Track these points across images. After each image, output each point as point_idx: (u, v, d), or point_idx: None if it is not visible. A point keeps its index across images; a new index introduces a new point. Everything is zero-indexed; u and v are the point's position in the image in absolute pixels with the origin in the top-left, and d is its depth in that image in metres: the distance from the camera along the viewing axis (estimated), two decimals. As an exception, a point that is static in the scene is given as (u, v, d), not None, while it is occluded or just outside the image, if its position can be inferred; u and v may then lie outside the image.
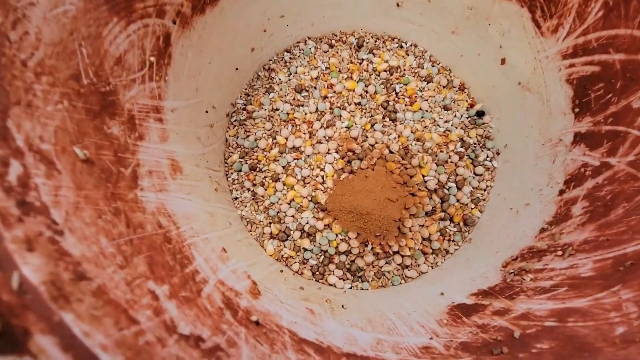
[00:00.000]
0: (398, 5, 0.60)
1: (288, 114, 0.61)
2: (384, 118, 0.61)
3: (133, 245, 0.22)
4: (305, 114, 0.61)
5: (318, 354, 0.26)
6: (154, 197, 0.29)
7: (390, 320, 0.38)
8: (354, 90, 0.62)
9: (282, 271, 0.53)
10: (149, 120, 0.35)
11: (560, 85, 0.47)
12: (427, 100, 0.62)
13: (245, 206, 0.59)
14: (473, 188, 0.60)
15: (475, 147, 0.61)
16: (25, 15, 0.21)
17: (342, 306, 0.44)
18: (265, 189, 0.59)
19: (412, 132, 0.60)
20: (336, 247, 0.56)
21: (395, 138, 0.60)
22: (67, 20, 0.25)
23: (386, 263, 0.57)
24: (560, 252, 0.38)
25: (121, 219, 0.23)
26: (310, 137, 0.60)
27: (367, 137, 0.60)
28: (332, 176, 0.58)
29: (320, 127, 0.60)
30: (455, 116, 0.62)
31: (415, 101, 0.62)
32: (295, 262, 0.56)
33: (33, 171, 0.18)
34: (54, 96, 0.22)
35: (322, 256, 0.56)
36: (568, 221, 0.41)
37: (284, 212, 0.58)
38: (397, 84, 0.63)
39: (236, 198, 0.59)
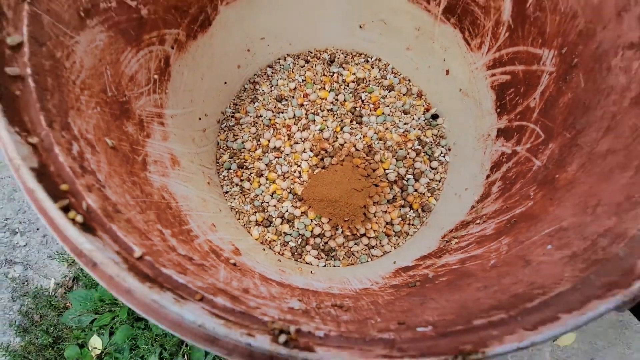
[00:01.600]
0: (361, 27, 0.72)
1: (270, 119, 0.72)
2: (351, 122, 0.72)
3: (146, 204, 0.32)
4: (285, 119, 0.72)
5: (279, 286, 0.35)
6: (158, 179, 0.39)
7: (347, 278, 0.48)
8: (326, 99, 0.73)
9: (264, 249, 0.62)
10: (154, 123, 0.45)
11: (487, 90, 0.58)
12: (388, 105, 0.73)
13: (234, 198, 0.69)
14: (429, 180, 0.70)
15: (431, 145, 0.72)
16: (73, 50, 0.32)
17: (311, 272, 0.54)
18: (251, 184, 0.69)
19: (375, 132, 0.71)
20: (311, 231, 0.66)
21: (360, 138, 0.70)
22: (98, 51, 0.35)
23: (355, 244, 0.67)
24: (478, 222, 0.48)
25: (137, 187, 0.33)
26: (288, 139, 0.71)
27: (337, 137, 0.70)
28: (308, 171, 0.68)
29: (297, 130, 0.71)
30: (413, 119, 0.73)
31: (379, 107, 0.73)
32: (277, 245, 0.66)
33: (85, 149, 0.28)
34: (91, 104, 0.32)
35: (300, 239, 0.66)
36: (488, 198, 0.51)
37: (267, 203, 0.68)
38: (363, 92, 0.74)
39: (227, 192, 0.69)
